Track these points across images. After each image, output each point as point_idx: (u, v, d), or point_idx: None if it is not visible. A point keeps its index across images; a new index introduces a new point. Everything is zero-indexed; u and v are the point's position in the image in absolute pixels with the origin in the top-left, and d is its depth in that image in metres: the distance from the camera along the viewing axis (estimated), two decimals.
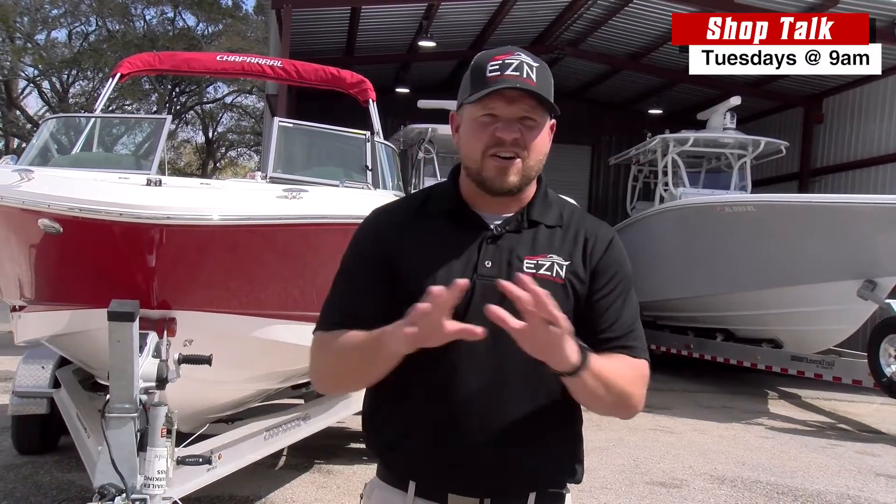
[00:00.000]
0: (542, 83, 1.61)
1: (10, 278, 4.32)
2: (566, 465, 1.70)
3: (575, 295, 1.64)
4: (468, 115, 1.63)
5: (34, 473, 5.35)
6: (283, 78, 7.18)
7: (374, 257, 1.68)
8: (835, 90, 15.14)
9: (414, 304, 1.42)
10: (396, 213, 1.76)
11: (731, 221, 9.69)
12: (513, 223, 1.66)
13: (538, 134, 1.62)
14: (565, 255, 1.65)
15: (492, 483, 1.62)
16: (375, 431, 1.73)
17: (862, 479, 6.39)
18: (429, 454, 1.62)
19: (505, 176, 1.60)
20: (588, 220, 1.76)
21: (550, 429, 1.65)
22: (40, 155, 5.50)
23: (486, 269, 1.61)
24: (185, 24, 29.01)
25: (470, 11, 14.18)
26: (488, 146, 1.59)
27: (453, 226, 1.67)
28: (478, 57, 1.65)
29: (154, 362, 3.32)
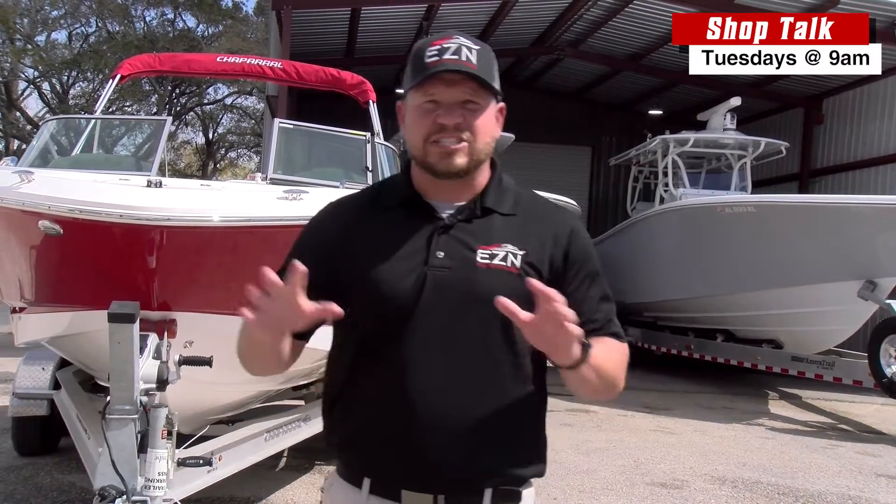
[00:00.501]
0: (483, 65, 1.57)
1: (10, 280, 4.32)
2: (525, 461, 1.64)
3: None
4: (411, 102, 1.60)
5: (34, 475, 5.35)
6: (283, 79, 7.18)
7: (315, 250, 1.65)
8: (835, 91, 15.14)
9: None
10: (348, 205, 1.73)
11: (731, 222, 9.69)
12: (465, 212, 1.62)
13: (482, 116, 1.58)
14: (521, 244, 1.60)
15: (446, 480, 1.58)
16: (332, 427, 1.70)
17: (863, 479, 6.39)
18: (383, 451, 1.59)
19: (450, 158, 1.57)
20: (546, 206, 1.72)
21: (507, 424, 1.60)
22: (40, 156, 5.50)
23: (437, 260, 1.57)
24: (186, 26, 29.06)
25: (470, 12, 14.19)
26: (430, 133, 1.57)
27: (405, 217, 1.63)
28: (417, 44, 1.61)
29: (154, 364, 3.32)
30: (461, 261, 1.58)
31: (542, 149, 18.93)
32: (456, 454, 1.56)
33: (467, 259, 1.58)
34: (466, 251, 1.59)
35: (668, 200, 12.08)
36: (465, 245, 1.59)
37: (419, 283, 1.56)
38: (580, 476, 6.01)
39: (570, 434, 7.56)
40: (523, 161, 17.05)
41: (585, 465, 6.37)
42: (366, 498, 1.62)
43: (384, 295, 1.57)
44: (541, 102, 18.97)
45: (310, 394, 5.98)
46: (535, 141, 18.63)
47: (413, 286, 1.56)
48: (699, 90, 16.47)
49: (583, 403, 9.17)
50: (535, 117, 18.82)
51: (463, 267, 1.57)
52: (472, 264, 1.58)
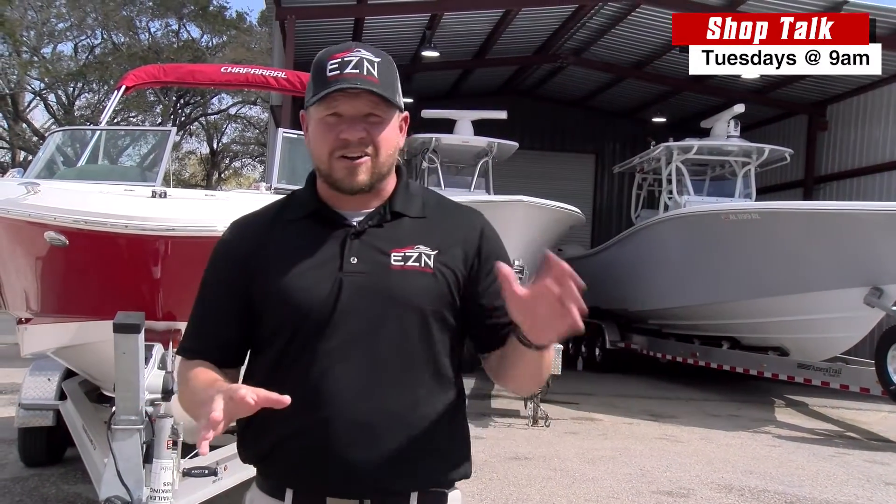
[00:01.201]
0: (385, 78, 1.57)
1: (16, 291, 4.33)
2: (449, 462, 1.63)
3: (447, 283, 1.60)
4: (314, 115, 1.60)
5: (40, 486, 5.34)
6: (287, 89, 7.20)
7: (228, 276, 1.64)
8: (839, 97, 15.14)
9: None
10: (252, 223, 1.71)
11: (735, 229, 9.68)
12: (375, 217, 1.63)
13: (385, 129, 1.58)
14: (432, 244, 1.61)
15: (370, 485, 1.55)
16: (249, 440, 1.65)
17: (871, 487, 6.35)
18: (303, 460, 1.56)
19: (354, 176, 1.57)
20: (454, 208, 1.73)
21: (429, 426, 1.58)
22: (46, 167, 5.53)
23: (351, 266, 1.57)
24: (190, 36, 29.18)
25: (473, 21, 14.24)
26: (335, 148, 1.56)
27: (314, 227, 1.63)
28: (319, 55, 1.61)
29: (160, 374, 3.33)
30: (375, 265, 1.58)
31: (545, 156, 18.97)
32: (378, 459, 1.54)
33: (381, 262, 1.58)
34: (380, 255, 1.59)
35: (672, 208, 12.07)
36: (377, 249, 1.60)
37: (335, 290, 1.55)
38: (586, 484, 5.99)
39: (576, 442, 7.54)
40: (527, 169, 17.08)
41: (591, 473, 6.35)
42: None
43: (300, 304, 1.56)
44: (544, 110, 19.02)
45: None
46: (539, 149, 18.68)
47: (329, 293, 1.56)
48: (703, 97, 16.50)
49: (588, 412, 9.16)
50: (538, 125, 18.88)
51: (377, 270, 1.58)
52: (386, 267, 1.58)
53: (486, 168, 13.03)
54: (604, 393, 10.41)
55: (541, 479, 6.07)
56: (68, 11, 25.57)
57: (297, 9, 12.07)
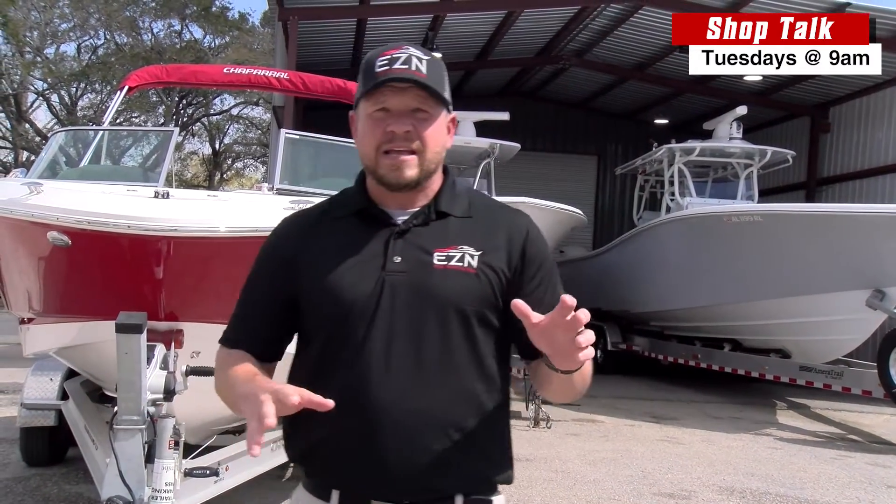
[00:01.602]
0: (433, 75, 1.58)
1: (18, 291, 4.34)
2: (493, 464, 1.62)
3: (490, 284, 1.59)
4: (362, 112, 1.61)
5: (42, 485, 5.35)
6: (289, 90, 7.22)
7: (273, 270, 1.67)
8: (841, 99, 15.12)
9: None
10: (301, 219, 1.73)
11: (737, 231, 9.67)
12: (420, 217, 1.63)
13: (432, 125, 1.59)
14: (477, 245, 1.61)
15: (415, 488, 1.54)
16: (295, 439, 1.66)
17: (873, 490, 6.35)
18: (349, 461, 1.56)
19: (400, 171, 1.57)
20: (500, 209, 1.72)
21: (474, 428, 1.57)
22: (49, 168, 5.54)
23: (394, 265, 1.58)
24: (193, 37, 29.16)
25: (475, 23, 14.24)
26: (381, 142, 1.57)
27: (360, 225, 1.64)
28: (368, 54, 1.62)
29: (162, 374, 3.33)
30: (418, 264, 1.58)
31: (547, 158, 18.96)
32: (422, 461, 1.53)
33: (424, 262, 1.58)
34: (423, 254, 1.59)
35: (675, 209, 12.07)
36: (421, 248, 1.60)
37: (378, 288, 1.56)
38: (587, 486, 5.99)
39: (577, 444, 7.54)
40: (529, 170, 17.08)
41: (592, 475, 6.35)
42: None
43: (343, 300, 1.57)
44: (546, 112, 19.01)
45: None
46: (541, 150, 18.68)
47: (371, 292, 1.56)
48: (705, 99, 16.49)
49: (589, 413, 9.15)
50: (540, 127, 18.88)
51: (420, 270, 1.58)
52: (428, 267, 1.58)
53: (488, 169, 13.03)
54: (605, 395, 10.40)
55: (542, 481, 6.06)
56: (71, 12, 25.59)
57: (299, 10, 12.08)
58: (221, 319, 4.04)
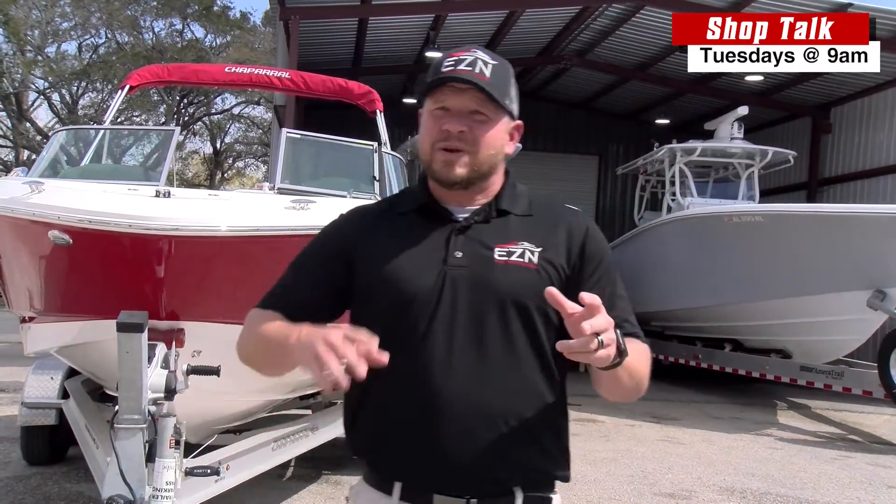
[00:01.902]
0: (497, 80, 1.60)
1: (20, 290, 4.34)
2: (552, 459, 1.64)
3: (550, 279, 1.60)
4: (426, 108, 1.65)
5: (43, 484, 5.36)
6: (290, 89, 7.21)
7: (331, 250, 1.69)
8: (842, 100, 15.11)
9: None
10: (367, 211, 1.77)
11: (739, 231, 9.67)
12: (481, 214, 1.66)
13: (489, 129, 1.61)
14: (537, 242, 1.63)
15: (477, 482, 1.57)
16: (357, 432, 1.68)
17: (873, 490, 6.35)
18: (412, 454, 1.58)
19: (451, 168, 1.60)
20: (560, 208, 1.75)
21: (534, 422, 1.59)
22: (50, 167, 5.54)
23: (455, 260, 1.60)
24: (194, 36, 29.19)
25: (477, 22, 14.24)
26: (436, 139, 1.61)
27: (422, 221, 1.67)
28: (439, 55, 1.67)
29: (163, 373, 3.33)
30: (479, 259, 1.60)
31: (549, 158, 18.94)
32: (484, 455, 1.55)
33: (485, 257, 1.61)
34: (484, 250, 1.61)
35: (676, 210, 12.06)
36: (482, 244, 1.62)
37: (439, 282, 1.58)
38: (587, 486, 5.99)
39: (577, 444, 7.54)
40: (530, 170, 17.04)
41: (592, 475, 6.35)
42: (396, 503, 1.61)
43: (403, 293, 1.59)
44: (548, 112, 18.99)
45: (317, 403, 5.98)
46: (542, 150, 18.65)
47: (433, 285, 1.58)
48: (706, 99, 16.47)
49: (590, 413, 9.15)
50: (542, 126, 18.84)
51: (480, 265, 1.60)
52: (489, 262, 1.60)
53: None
54: None
55: None
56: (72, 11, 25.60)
57: (301, 9, 12.08)
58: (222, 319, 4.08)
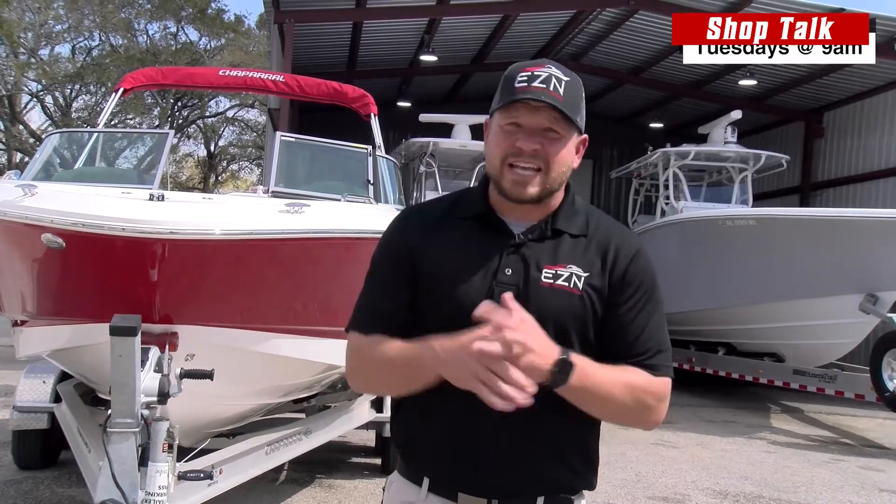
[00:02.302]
0: (570, 98, 1.62)
1: (12, 293, 4.33)
2: (576, 472, 1.70)
3: (593, 307, 1.64)
4: (496, 122, 1.67)
5: (34, 489, 5.33)
6: (285, 92, 7.21)
7: (398, 252, 1.73)
8: (835, 104, 15.18)
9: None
10: (426, 212, 1.80)
11: (732, 235, 9.70)
12: (536, 232, 1.68)
13: (561, 147, 1.63)
14: (585, 266, 1.66)
15: (501, 484, 1.64)
16: (398, 425, 1.78)
17: (866, 494, 6.36)
18: (442, 451, 1.66)
19: (523, 188, 1.63)
20: (615, 229, 1.76)
21: (563, 433, 1.66)
22: (43, 170, 5.52)
23: (505, 277, 1.63)
24: (188, 39, 29.20)
25: (472, 26, 14.25)
26: (507, 154, 1.63)
27: (478, 230, 1.70)
28: (511, 67, 1.68)
29: (156, 377, 3.32)
30: (526, 279, 1.63)
31: None
32: (510, 461, 1.63)
33: (532, 277, 1.63)
34: (533, 270, 1.64)
35: (670, 213, 12.09)
36: (532, 264, 1.65)
37: (487, 297, 1.59)
38: None
39: None
40: None
41: None
42: (425, 496, 1.70)
43: (452, 303, 1.63)
44: None
45: (311, 407, 5.98)
46: None
47: (479, 299, 1.58)
48: (700, 104, 16.54)
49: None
50: None
51: (527, 284, 1.63)
52: (536, 283, 1.63)
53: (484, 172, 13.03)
54: None
55: None
56: (66, 13, 25.57)
57: (295, 12, 12.07)
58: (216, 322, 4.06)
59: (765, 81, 14.51)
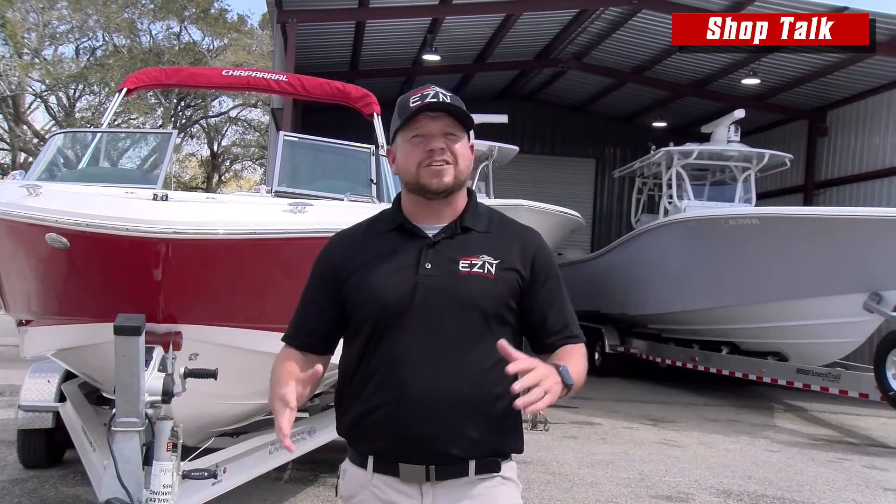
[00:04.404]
0: (458, 106, 1.91)
1: (17, 292, 4.34)
2: (503, 437, 1.92)
3: (507, 288, 1.91)
4: (401, 140, 1.94)
5: (39, 488, 5.35)
6: (288, 92, 7.22)
7: (323, 272, 2.01)
8: (839, 103, 15.16)
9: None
10: (349, 232, 2.07)
11: (735, 234, 9.69)
12: (448, 231, 1.95)
13: (460, 145, 1.93)
14: (495, 254, 1.92)
15: (435, 453, 1.85)
16: (341, 415, 1.99)
17: (870, 493, 6.35)
18: (380, 431, 1.88)
19: (441, 178, 1.89)
20: (515, 226, 2.04)
21: (487, 407, 1.86)
22: (47, 170, 5.53)
23: (426, 270, 1.89)
24: (191, 39, 29.18)
25: (474, 25, 14.26)
26: (422, 159, 1.89)
27: (397, 238, 1.96)
28: (400, 98, 1.96)
29: (160, 376, 3.32)
30: (446, 270, 1.90)
31: (546, 161, 18.97)
32: (441, 431, 1.84)
33: (451, 268, 1.90)
34: (450, 262, 1.91)
35: (672, 213, 12.08)
36: (448, 257, 1.91)
37: (411, 289, 1.87)
38: (585, 489, 5.99)
39: (575, 447, 7.54)
40: (527, 173, 17.11)
41: (590, 477, 6.36)
42: (370, 475, 1.92)
43: (382, 299, 1.89)
44: (545, 115, 19.03)
45: (314, 406, 5.97)
46: (539, 153, 18.69)
47: (406, 292, 1.87)
48: (703, 103, 16.52)
49: (587, 416, 9.16)
50: (538, 130, 18.90)
51: (447, 275, 1.89)
52: (455, 273, 1.90)
53: (487, 172, 13.04)
54: (603, 397, 10.41)
55: (540, 483, 6.07)
56: (70, 13, 25.59)
57: (298, 12, 12.09)
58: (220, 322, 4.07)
59: (768, 80, 14.50)
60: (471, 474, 1.88)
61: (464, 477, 1.88)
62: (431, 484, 1.88)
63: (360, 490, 1.94)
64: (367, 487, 1.92)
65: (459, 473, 1.88)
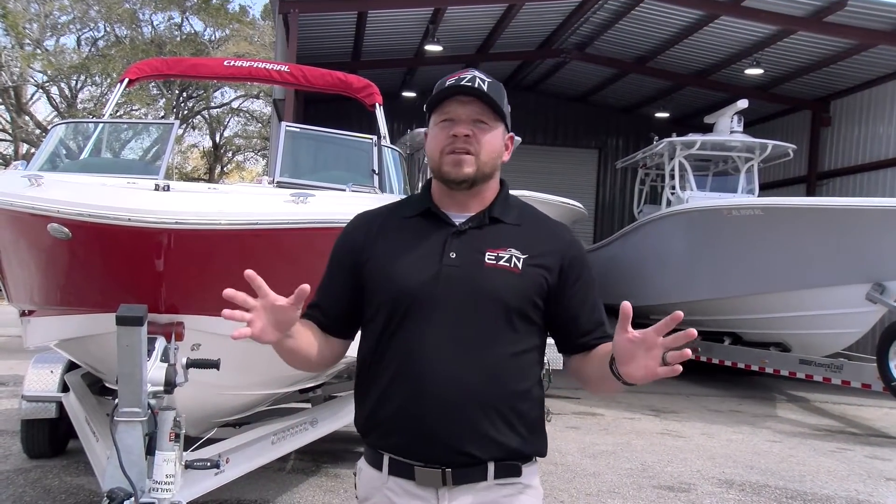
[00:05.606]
0: (494, 93, 1.82)
1: (19, 283, 4.34)
2: (522, 439, 1.83)
3: (533, 284, 1.82)
4: (432, 123, 1.87)
5: (43, 477, 5.37)
6: (290, 82, 7.21)
7: (345, 254, 1.93)
8: (842, 93, 15.10)
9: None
10: (374, 215, 1.98)
11: (738, 225, 9.67)
12: (476, 220, 1.86)
13: (489, 135, 1.83)
14: (523, 249, 1.83)
15: (452, 454, 1.76)
16: (357, 407, 1.92)
17: (872, 483, 6.36)
18: (396, 424, 1.80)
19: (460, 167, 1.80)
20: (547, 221, 1.96)
21: (508, 407, 1.79)
22: (49, 160, 5.53)
23: (450, 259, 1.81)
24: (193, 30, 29.14)
25: (476, 15, 14.21)
26: (445, 145, 1.81)
27: (423, 224, 1.88)
28: (439, 80, 1.88)
29: (162, 367, 3.33)
30: (470, 260, 1.81)
31: (548, 151, 18.94)
32: (458, 431, 1.76)
33: (476, 259, 1.81)
34: (476, 253, 1.82)
35: (675, 203, 12.05)
36: (474, 248, 1.82)
37: (433, 278, 1.79)
38: (587, 479, 6.01)
39: (577, 437, 7.55)
40: (530, 164, 17.06)
41: (592, 468, 6.37)
42: (386, 478, 1.84)
43: (401, 286, 1.80)
44: (547, 105, 18.98)
45: (316, 397, 5.99)
46: (542, 144, 18.66)
47: (428, 280, 1.79)
48: (706, 93, 16.47)
49: (589, 406, 9.17)
50: (541, 120, 18.86)
51: (472, 266, 1.81)
52: (480, 264, 1.81)
53: None
54: None
55: (542, 474, 6.04)
56: (71, 4, 25.56)
57: (300, 2, 12.06)
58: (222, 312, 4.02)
59: (771, 70, 14.45)
60: (489, 479, 1.79)
61: (482, 482, 1.79)
62: (448, 488, 1.78)
63: (375, 493, 1.86)
64: (381, 490, 1.85)
65: (478, 477, 1.79)
